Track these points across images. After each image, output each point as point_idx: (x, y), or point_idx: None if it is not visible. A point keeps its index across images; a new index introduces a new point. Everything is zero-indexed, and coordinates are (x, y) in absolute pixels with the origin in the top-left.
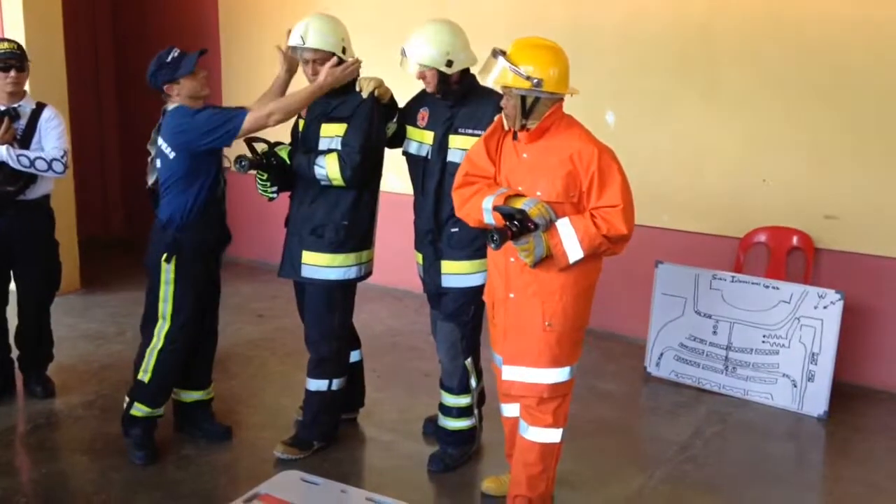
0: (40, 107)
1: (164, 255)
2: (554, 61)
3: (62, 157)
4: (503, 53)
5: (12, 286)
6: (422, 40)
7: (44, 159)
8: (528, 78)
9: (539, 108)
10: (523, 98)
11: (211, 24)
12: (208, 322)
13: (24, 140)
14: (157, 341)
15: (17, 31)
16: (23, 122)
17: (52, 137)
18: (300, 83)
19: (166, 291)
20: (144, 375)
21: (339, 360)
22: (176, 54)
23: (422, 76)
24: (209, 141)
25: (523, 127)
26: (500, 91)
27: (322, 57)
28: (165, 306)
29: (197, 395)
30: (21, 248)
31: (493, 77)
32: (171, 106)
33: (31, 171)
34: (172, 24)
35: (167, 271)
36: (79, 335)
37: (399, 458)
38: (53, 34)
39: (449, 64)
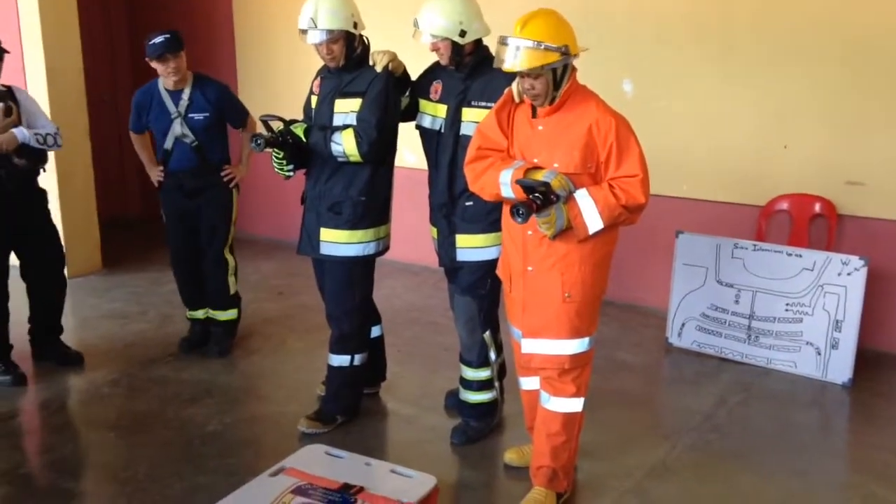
0: (8, 89)
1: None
2: (564, 24)
3: (56, 131)
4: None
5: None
6: (435, 11)
7: (50, 135)
8: (556, 49)
9: (565, 77)
10: (554, 71)
11: None
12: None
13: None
14: None
15: (30, 4)
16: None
17: (39, 115)
18: (312, 63)
19: None
20: None
21: (361, 335)
22: (157, 40)
23: (435, 48)
24: None
25: (553, 100)
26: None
27: (335, 37)
28: None
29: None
30: (22, 222)
31: (524, 62)
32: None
33: (44, 147)
34: None
35: None
36: (102, 315)
37: (421, 431)
38: (68, 7)
39: (462, 34)
